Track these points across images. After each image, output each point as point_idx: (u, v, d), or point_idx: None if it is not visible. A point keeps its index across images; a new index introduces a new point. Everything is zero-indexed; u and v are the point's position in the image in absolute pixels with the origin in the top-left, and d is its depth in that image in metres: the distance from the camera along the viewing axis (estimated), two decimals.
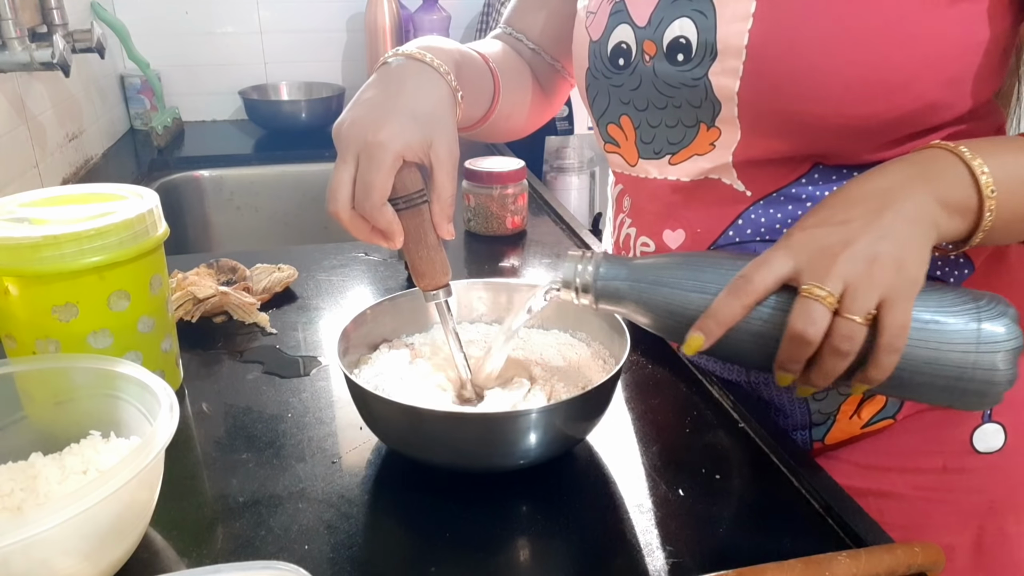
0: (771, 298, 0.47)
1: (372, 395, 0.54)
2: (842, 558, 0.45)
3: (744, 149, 0.58)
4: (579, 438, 0.59)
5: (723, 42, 0.54)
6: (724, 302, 0.47)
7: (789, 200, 0.58)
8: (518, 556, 0.51)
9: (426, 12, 1.68)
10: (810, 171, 0.57)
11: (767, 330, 0.48)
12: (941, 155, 0.48)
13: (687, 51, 0.56)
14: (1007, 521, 0.63)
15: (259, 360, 0.74)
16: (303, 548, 0.50)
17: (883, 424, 0.63)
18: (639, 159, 0.65)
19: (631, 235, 0.70)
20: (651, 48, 0.59)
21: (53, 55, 1.03)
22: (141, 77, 1.63)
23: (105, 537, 0.45)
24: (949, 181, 0.47)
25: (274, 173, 1.56)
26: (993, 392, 0.47)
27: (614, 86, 0.63)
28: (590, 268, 0.54)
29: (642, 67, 0.60)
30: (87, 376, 0.54)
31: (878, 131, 0.54)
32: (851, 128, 0.53)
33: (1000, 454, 0.62)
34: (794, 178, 0.58)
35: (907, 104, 0.52)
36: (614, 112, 0.65)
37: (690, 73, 0.57)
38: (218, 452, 0.61)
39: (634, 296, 0.53)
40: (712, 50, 0.55)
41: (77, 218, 0.59)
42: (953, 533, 0.63)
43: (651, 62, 0.59)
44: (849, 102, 0.52)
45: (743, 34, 0.53)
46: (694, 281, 0.50)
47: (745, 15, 0.53)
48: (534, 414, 0.52)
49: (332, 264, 0.97)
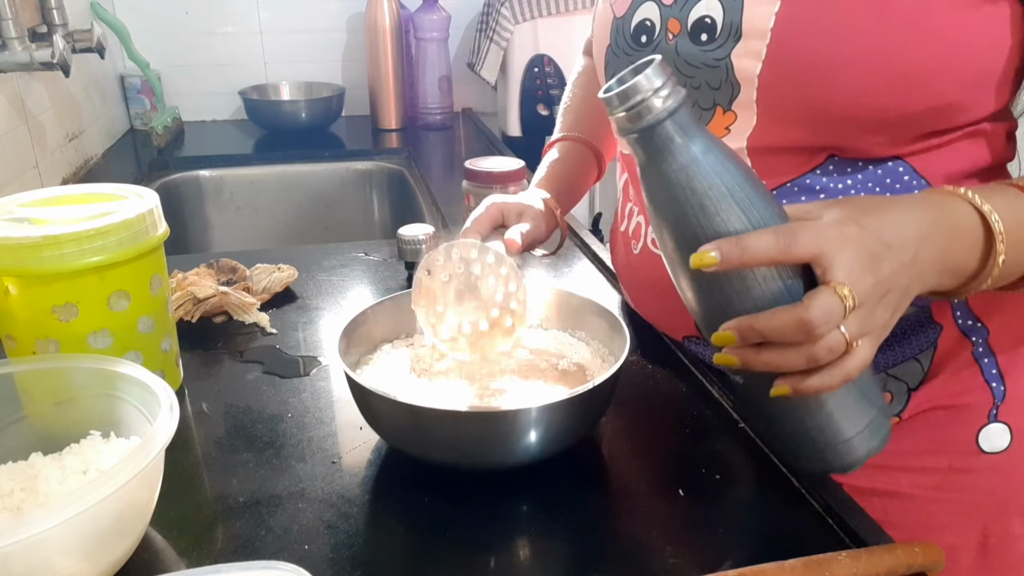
0: (789, 267, 0.44)
1: (373, 393, 0.54)
2: (842, 558, 0.45)
3: (759, 135, 0.57)
4: (578, 436, 0.59)
5: (748, 23, 0.54)
6: (763, 240, 0.42)
7: (803, 191, 0.58)
8: (518, 556, 0.51)
9: (426, 12, 1.68)
10: (825, 162, 0.57)
11: (759, 293, 0.44)
12: (968, 218, 0.48)
13: (711, 31, 0.56)
14: (1012, 521, 0.63)
15: (259, 360, 0.74)
16: (303, 548, 0.50)
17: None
18: None
19: (641, 223, 0.69)
20: (675, 26, 0.59)
21: (53, 55, 1.03)
22: (141, 77, 1.63)
23: (105, 537, 0.45)
24: (966, 252, 0.48)
25: (274, 173, 1.55)
26: (830, 470, 0.51)
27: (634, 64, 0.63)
28: (670, 101, 0.42)
29: (664, 45, 0.60)
30: (87, 376, 0.54)
31: (895, 125, 0.54)
32: (868, 120, 0.53)
33: (1006, 454, 0.62)
34: (808, 168, 0.57)
35: (926, 101, 0.52)
36: None
37: (712, 53, 0.57)
38: (218, 452, 0.61)
39: (685, 163, 0.43)
40: (737, 31, 0.55)
41: (77, 218, 0.59)
42: (958, 533, 0.63)
43: (674, 40, 0.59)
44: (869, 93, 0.52)
45: (770, 16, 0.53)
46: (747, 199, 0.43)
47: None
48: (534, 412, 0.52)
49: (332, 264, 0.97)
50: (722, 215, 0.43)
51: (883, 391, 0.49)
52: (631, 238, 0.71)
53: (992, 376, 0.61)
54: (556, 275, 0.95)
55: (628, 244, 0.72)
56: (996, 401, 0.61)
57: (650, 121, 0.42)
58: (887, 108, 0.52)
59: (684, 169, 0.43)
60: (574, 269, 0.97)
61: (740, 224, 0.43)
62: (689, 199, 0.43)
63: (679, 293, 0.48)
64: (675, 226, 0.44)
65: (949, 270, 0.48)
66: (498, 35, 1.65)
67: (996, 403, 0.61)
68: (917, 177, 0.56)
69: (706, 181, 0.42)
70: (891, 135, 0.55)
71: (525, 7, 1.63)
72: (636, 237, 0.70)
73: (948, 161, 0.56)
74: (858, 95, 0.52)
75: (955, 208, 0.47)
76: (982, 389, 0.61)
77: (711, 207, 0.43)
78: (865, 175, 0.56)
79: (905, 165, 0.56)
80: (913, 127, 0.54)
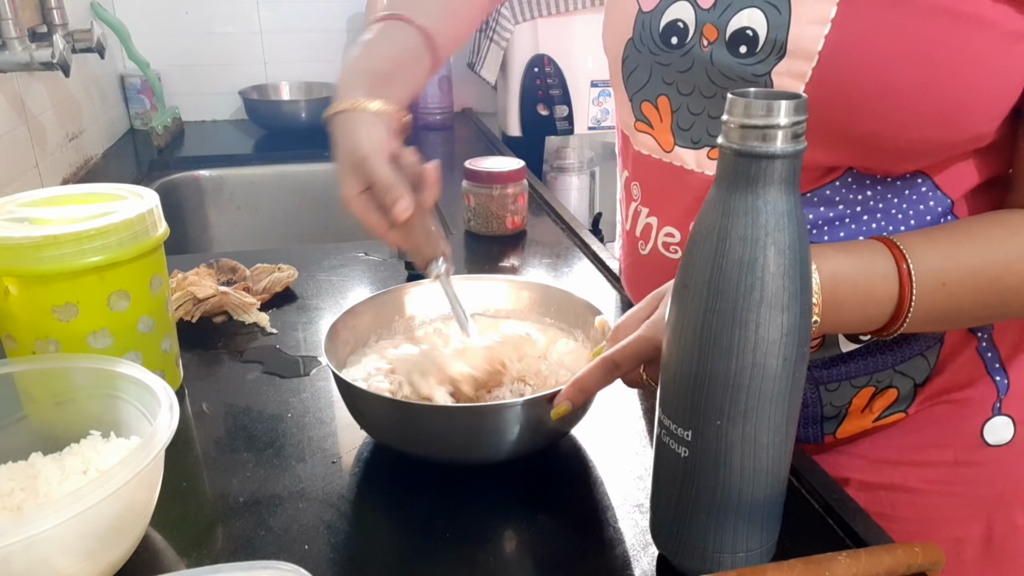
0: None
1: (358, 390, 0.55)
2: (842, 558, 0.45)
3: None
4: (566, 430, 0.60)
5: (795, 43, 0.52)
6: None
7: (822, 201, 0.57)
8: (519, 555, 0.51)
9: None
10: (844, 175, 0.57)
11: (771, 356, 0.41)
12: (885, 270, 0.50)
13: (752, 44, 0.54)
14: (1017, 513, 0.63)
15: (259, 360, 0.74)
16: (303, 548, 0.50)
17: (895, 418, 0.63)
18: (675, 145, 0.62)
19: (652, 224, 0.68)
20: (712, 33, 0.56)
21: (53, 55, 1.03)
22: (141, 77, 1.63)
23: (105, 537, 0.45)
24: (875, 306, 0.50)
25: (274, 173, 1.56)
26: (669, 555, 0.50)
27: (660, 64, 0.61)
28: (799, 144, 0.39)
29: (698, 51, 0.57)
30: (87, 376, 0.54)
31: (926, 155, 0.54)
32: (902, 150, 0.53)
33: (1010, 446, 0.62)
34: (828, 180, 0.57)
35: (960, 135, 0.52)
36: (652, 90, 0.62)
37: (751, 68, 0.54)
38: (218, 452, 0.61)
39: (782, 210, 0.40)
40: (781, 48, 0.53)
41: (77, 218, 0.59)
42: (963, 526, 0.63)
43: (709, 48, 0.56)
44: (908, 126, 0.51)
45: (819, 39, 0.51)
46: (806, 277, 0.41)
47: (824, 19, 0.51)
48: (519, 406, 0.53)
49: (332, 264, 0.97)
50: (785, 279, 0.40)
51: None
52: (639, 239, 0.70)
53: (995, 369, 0.61)
54: (556, 275, 0.95)
55: (635, 244, 0.71)
56: (1000, 394, 0.61)
57: (770, 151, 0.39)
58: (925, 140, 0.51)
59: (775, 216, 0.40)
60: (574, 269, 0.97)
61: (792, 289, 0.40)
62: (766, 245, 0.40)
63: (671, 313, 0.45)
64: (730, 267, 0.41)
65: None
66: (498, 35, 1.65)
67: (1000, 396, 0.61)
68: (935, 189, 0.56)
69: (788, 238, 0.40)
70: (921, 162, 0.54)
71: (525, 7, 1.63)
72: (645, 238, 0.69)
73: (967, 173, 0.56)
74: (899, 126, 0.51)
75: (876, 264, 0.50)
76: (986, 382, 0.61)
77: (779, 265, 0.40)
78: (884, 186, 0.56)
79: (925, 178, 0.56)
80: (942, 154, 0.54)
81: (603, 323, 0.64)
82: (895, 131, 0.51)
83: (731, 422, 0.42)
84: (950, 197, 0.56)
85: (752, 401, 0.42)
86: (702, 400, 0.42)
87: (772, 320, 0.40)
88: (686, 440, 0.44)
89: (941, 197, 0.56)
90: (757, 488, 0.44)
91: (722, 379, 0.41)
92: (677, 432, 0.44)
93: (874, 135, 0.52)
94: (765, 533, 0.46)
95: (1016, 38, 0.49)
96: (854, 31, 0.50)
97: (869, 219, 0.57)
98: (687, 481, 0.45)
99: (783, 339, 0.40)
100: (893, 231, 0.57)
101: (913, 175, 0.56)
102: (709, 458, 0.43)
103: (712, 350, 0.41)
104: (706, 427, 0.43)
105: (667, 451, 0.46)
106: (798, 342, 0.41)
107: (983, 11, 0.48)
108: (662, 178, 0.65)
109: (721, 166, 0.41)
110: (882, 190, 0.56)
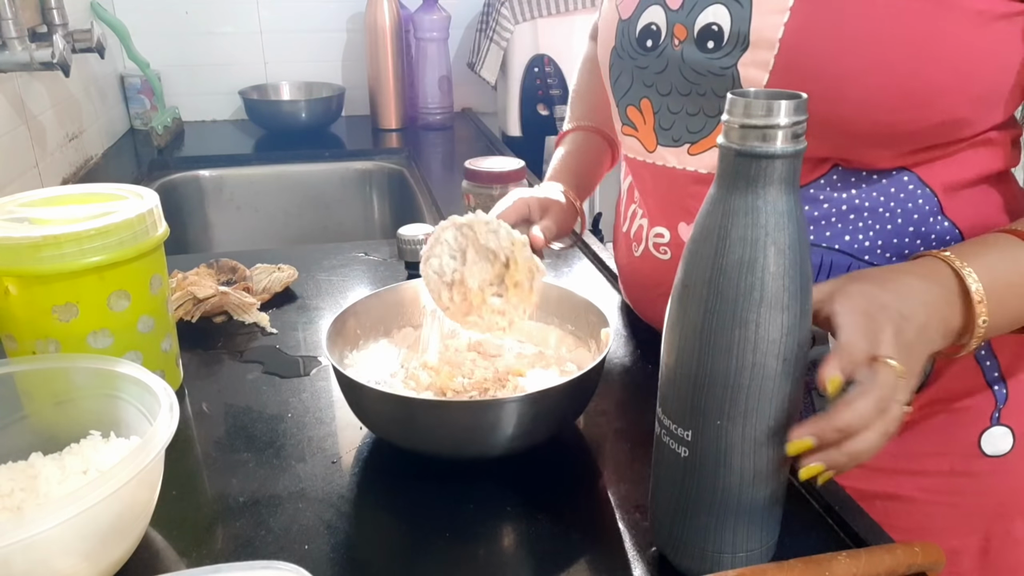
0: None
1: (360, 385, 0.55)
2: (842, 558, 0.45)
3: None
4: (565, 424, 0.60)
5: (757, 33, 0.53)
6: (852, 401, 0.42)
7: (807, 200, 0.58)
8: (519, 555, 0.51)
9: (426, 12, 1.68)
10: (829, 172, 0.57)
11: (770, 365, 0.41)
12: (951, 282, 0.49)
13: (718, 39, 0.56)
14: (1014, 524, 0.63)
15: (259, 360, 0.74)
16: (303, 548, 0.51)
17: None
18: (657, 145, 0.64)
19: (643, 226, 0.69)
20: (681, 32, 0.58)
21: (53, 55, 1.03)
22: (141, 77, 1.63)
23: (105, 537, 0.45)
24: (957, 315, 0.49)
25: (274, 173, 1.55)
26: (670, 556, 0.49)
27: (639, 67, 0.63)
28: (799, 144, 0.39)
29: (670, 51, 0.59)
30: (87, 376, 0.54)
31: (903, 139, 0.54)
32: (874, 134, 0.53)
33: (1008, 457, 0.61)
34: (813, 178, 0.57)
35: (935, 116, 0.52)
36: (635, 94, 0.64)
37: (719, 61, 0.56)
38: (218, 452, 0.61)
39: (781, 210, 0.39)
40: (744, 40, 0.54)
41: (77, 218, 0.59)
42: (960, 536, 0.63)
43: (680, 46, 0.58)
44: (877, 107, 0.51)
45: (778, 27, 0.52)
46: (807, 277, 0.41)
47: (783, 8, 0.52)
48: (517, 401, 0.53)
49: (332, 264, 0.97)
50: (785, 279, 0.40)
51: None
52: (632, 240, 0.71)
53: (994, 379, 0.60)
54: (556, 275, 0.95)
55: (629, 245, 0.72)
56: (998, 404, 0.61)
57: (770, 151, 0.38)
58: (895, 123, 0.52)
59: (775, 215, 0.39)
60: (574, 269, 0.97)
61: (792, 289, 0.40)
62: (766, 245, 0.39)
63: (667, 318, 0.45)
64: (730, 267, 0.40)
65: (950, 333, 0.49)
66: (498, 35, 1.65)
67: (998, 406, 0.61)
68: (922, 186, 0.56)
69: (788, 238, 0.40)
70: (898, 148, 0.55)
71: (525, 7, 1.63)
72: (638, 240, 0.70)
73: (953, 170, 0.56)
74: (866, 109, 0.52)
75: (943, 273, 0.49)
76: (984, 392, 0.61)
77: (779, 265, 0.40)
78: (870, 185, 0.56)
79: (910, 175, 0.56)
80: (920, 140, 0.54)
81: (607, 335, 0.64)
82: (861, 114, 0.52)
83: (731, 422, 0.42)
84: (938, 196, 0.56)
85: (752, 401, 0.42)
86: (702, 400, 0.42)
87: (772, 320, 0.40)
88: (686, 440, 0.44)
89: (929, 195, 0.56)
90: (757, 488, 0.44)
91: (722, 379, 0.42)
92: (677, 432, 0.44)
93: (842, 120, 0.52)
94: (765, 533, 0.46)
95: (987, 19, 0.49)
96: (812, 17, 0.51)
97: (856, 218, 0.57)
98: (687, 481, 0.45)
99: (783, 339, 0.40)
100: (880, 230, 0.57)
101: (899, 172, 0.56)
102: (709, 458, 0.44)
103: (712, 350, 0.41)
104: (706, 427, 0.43)
105: (667, 451, 0.46)
106: (798, 342, 0.41)
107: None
108: (648, 179, 0.67)
109: (721, 166, 0.41)
110: (867, 188, 0.56)
